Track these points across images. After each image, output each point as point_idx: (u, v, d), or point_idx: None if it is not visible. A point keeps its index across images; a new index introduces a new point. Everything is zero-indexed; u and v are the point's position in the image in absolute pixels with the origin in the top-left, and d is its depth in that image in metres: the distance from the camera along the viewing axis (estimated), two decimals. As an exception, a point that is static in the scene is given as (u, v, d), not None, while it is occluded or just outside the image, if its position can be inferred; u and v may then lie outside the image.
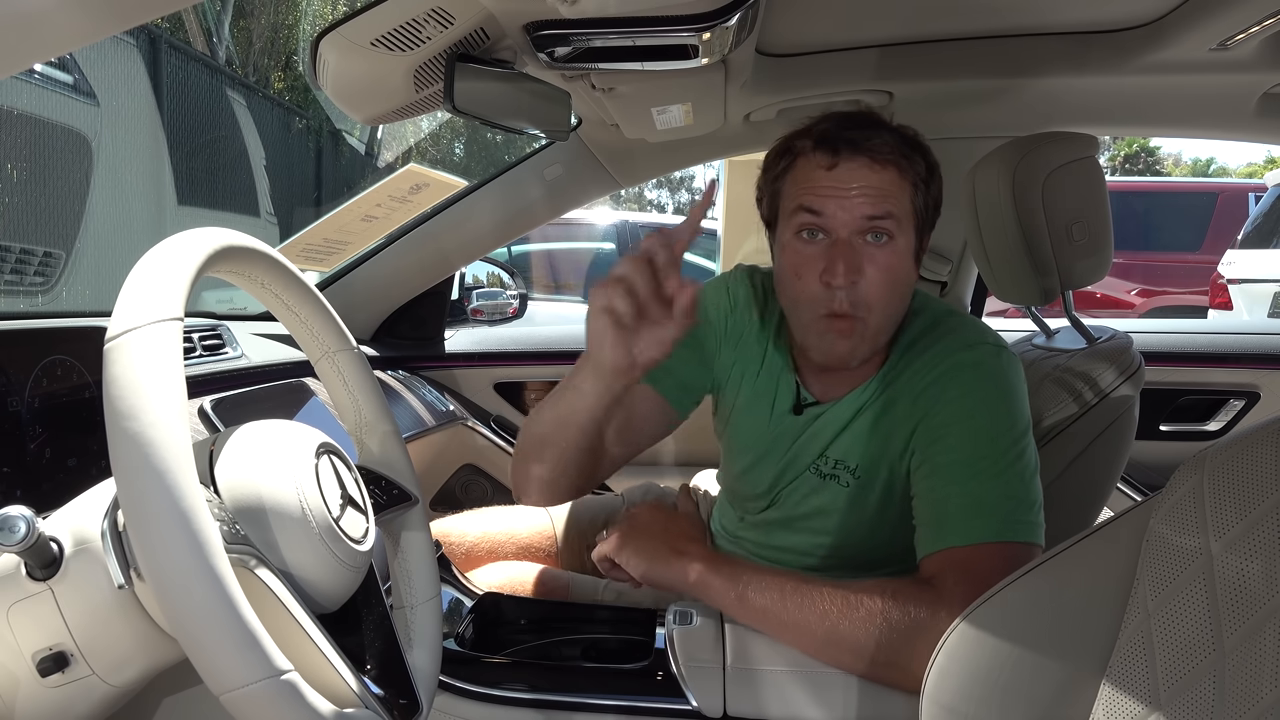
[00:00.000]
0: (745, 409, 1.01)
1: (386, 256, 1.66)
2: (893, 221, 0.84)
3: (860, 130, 0.85)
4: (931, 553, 0.81)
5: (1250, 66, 1.16)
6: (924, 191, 0.87)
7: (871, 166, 0.83)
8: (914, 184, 0.86)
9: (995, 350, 0.87)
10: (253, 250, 0.61)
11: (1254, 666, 0.48)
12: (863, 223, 0.84)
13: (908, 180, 0.85)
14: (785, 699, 0.80)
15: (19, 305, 2.97)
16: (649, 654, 0.88)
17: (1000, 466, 0.81)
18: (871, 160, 0.83)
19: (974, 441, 0.82)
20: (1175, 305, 5.65)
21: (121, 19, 0.56)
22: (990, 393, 0.84)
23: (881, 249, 0.84)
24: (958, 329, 0.90)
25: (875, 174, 0.83)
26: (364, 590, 0.65)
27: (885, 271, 0.84)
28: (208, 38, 6.89)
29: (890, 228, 0.84)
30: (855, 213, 0.83)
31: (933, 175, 0.88)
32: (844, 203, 0.83)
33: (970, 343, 0.87)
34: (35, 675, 0.52)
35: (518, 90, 1.03)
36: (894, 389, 0.90)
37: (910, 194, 0.85)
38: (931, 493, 0.84)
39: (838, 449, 0.93)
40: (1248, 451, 0.52)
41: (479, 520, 1.25)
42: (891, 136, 0.85)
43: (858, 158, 0.84)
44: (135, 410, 0.44)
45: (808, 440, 0.96)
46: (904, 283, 0.87)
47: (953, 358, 0.86)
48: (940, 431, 0.84)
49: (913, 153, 0.86)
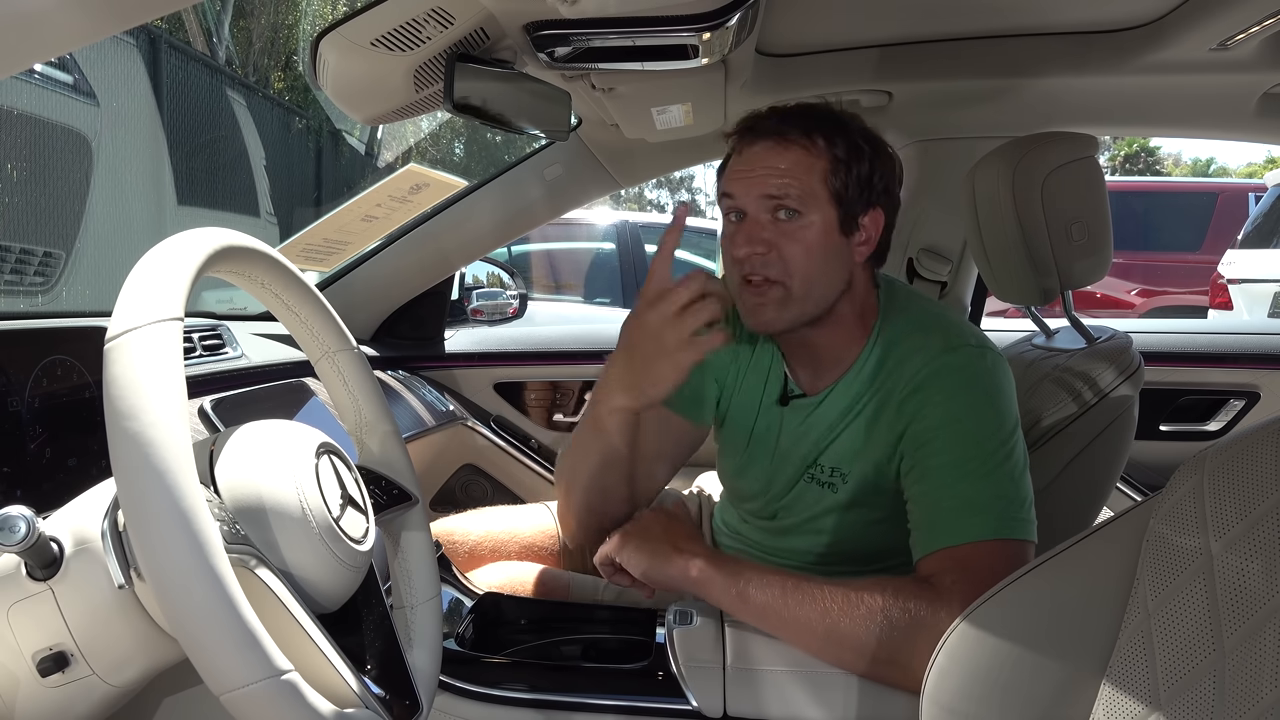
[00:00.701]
0: (737, 404, 1.04)
1: (386, 256, 1.66)
2: (796, 199, 0.87)
3: (775, 118, 0.90)
4: (927, 554, 0.82)
5: (1250, 66, 1.16)
6: (844, 169, 0.88)
7: (774, 148, 0.89)
8: (829, 162, 0.88)
9: (979, 351, 0.87)
10: (253, 250, 0.61)
11: (1254, 666, 0.48)
12: (764, 200, 0.88)
13: (819, 159, 0.88)
14: (785, 699, 0.80)
15: (19, 305, 2.97)
16: (649, 654, 0.88)
17: (990, 466, 0.82)
18: (775, 142, 0.89)
19: (962, 444, 0.83)
20: (1175, 305, 5.65)
21: (121, 19, 0.56)
22: (976, 395, 0.85)
23: (792, 224, 0.88)
24: (941, 330, 0.90)
25: (778, 155, 0.88)
26: (364, 590, 0.65)
27: (796, 244, 0.88)
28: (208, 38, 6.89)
29: (795, 205, 0.87)
30: (755, 191, 0.89)
31: (857, 155, 0.89)
32: (748, 183, 0.89)
33: (953, 345, 0.88)
34: (35, 675, 0.52)
35: (518, 90, 1.03)
36: (880, 392, 0.90)
37: (823, 172, 0.88)
38: (924, 496, 0.84)
39: (830, 456, 0.94)
40: (1248, 451, 0.52)
41: (482, 520, 1.25)
42: (803, 121, 0.89)
43: (762, 140, 0.89)
44: (135, 410, 0.44)
45: (796, 439, 0.97)
46: (821, 255, 0.89)
47: (937, 360, 0.87)
48: (928, 435, 0.85)
49: (831, 133, 0.88)
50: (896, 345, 0.91)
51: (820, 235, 0.88)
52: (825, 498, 0.95)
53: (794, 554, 1.00)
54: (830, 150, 0.88)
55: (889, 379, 0.90)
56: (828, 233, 0.89)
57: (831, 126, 0.89)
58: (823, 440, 0.94)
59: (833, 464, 0.94)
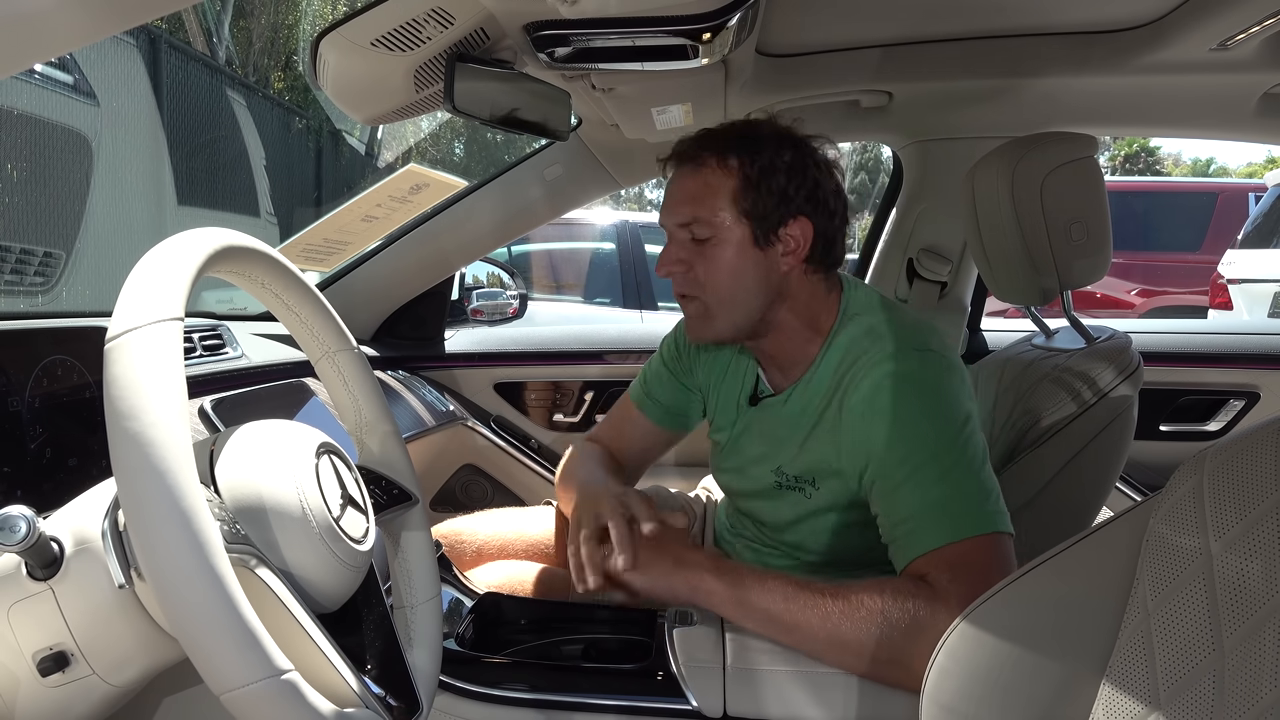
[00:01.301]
0: (721, 404, 1.09)
1: (386, 256, 1.66)
2: (703, 223, 0.91)
3: (695, 143, 0.94)
4: (910, 561, 0.82)
5: (1250, 66, 1.16)
6: (755, 187, 0.90)
7: (688, 173, 0.94)
8: (739, 182, 0.90)
9: (917, 354, 0.88)
10: (253, 250, 0.61)
11: (1254, 666, 0.48)
12: (676, 227, 0.94)
13: (728, 180, 0.91)
14: (785, 699, 0.80)
15: (19, 305, 2.97)
16: (649, 654, 0.88)
17: (946, 466, 0.82)
18: (690, 167, 0.94)
19: (916, 451, 0.83)
20: (1175, 305, 5.64)
21: (121, 19, 0.56)
22: (925, 400, 0.86)
23: (705, 245, 0.93)
24: (887, 337, 0.91)
25: (690, 179, 0.93)
26: (364, 590, 0.65)
27: (708, 262, 0.92)
28: (208, 38, 6.88)
29: (701, 230, 0.92)
30: (671, 216, 0.95)
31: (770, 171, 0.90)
32: (666, 208, 0.96)
33: (893, 353, 0.88)
34: (35, 675, 0.52)
35: (518, 90, 1.03)
36: (836, 398, 0.91)
37: (732, 192, 0.91)
38: (892, 510, 0.85)
39: (795, 464, 0.95)
40: (1247, 451, 0.52)
41: (488, 521, 1.26)
42: (720, 143, 0.92)
43: (681, 166, 0.95)
44: (136, 410, 0.44)
45: (765, 440, 0.99)
46: (734, 272, 0.92)
47: (879, 369, 0.87)
48: (881, 448, 0.85)
49: (747, 151, 0.91)
50: (848, 351, 0.92)
51: (732, 253, 0.92)
52: (801, 503, 0.96)
53: (791, 550, 1.01)
54: (742, 169, 0.90)
55: (841, 386, 0.91)
56: (740, 250, 0.92)
57: (748, 145, 0.91)
58: (788, 443, 0.96)
59: (797, 471, 0.95)
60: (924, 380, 0.86)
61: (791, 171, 0.91)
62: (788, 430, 0.96)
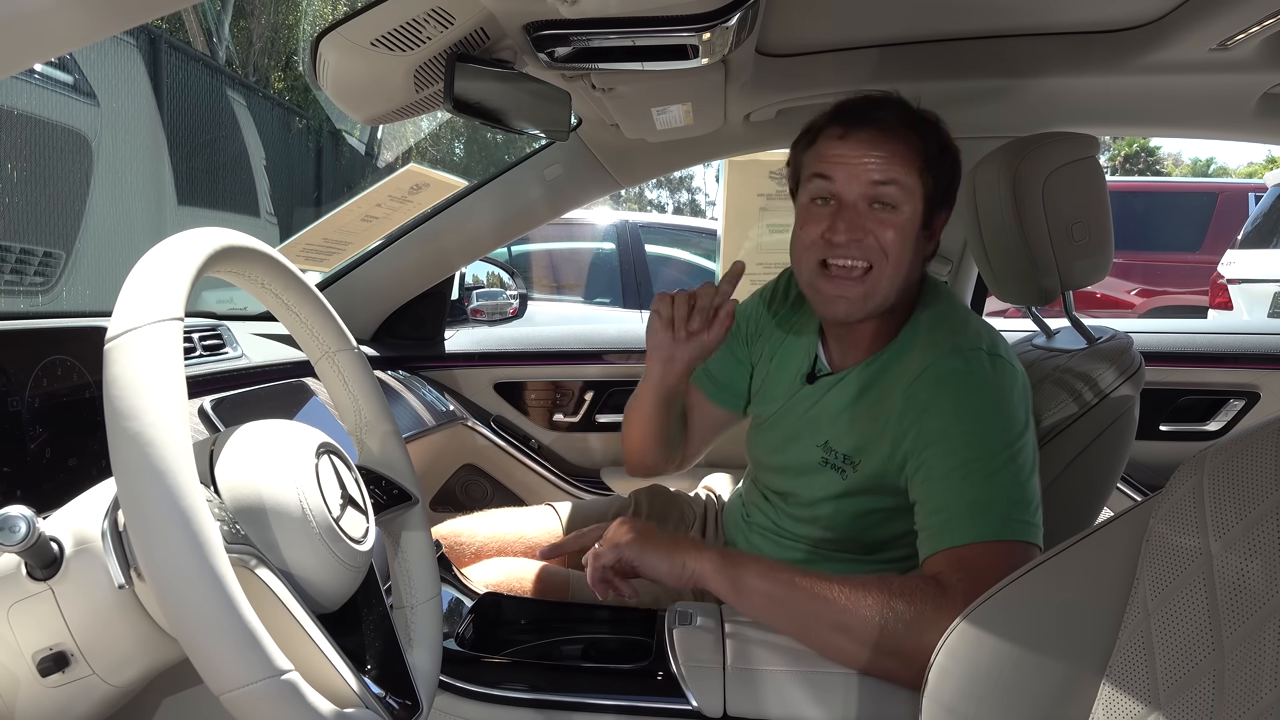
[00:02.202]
0: (775, 376, 1.08)
1: (386, 256, 1.66)
2: (896, 189, 0.89)
3: (874, 106, 0.91)
4: (932, 554, 0.82)
5: (1250, 66, 1.16)
6: (933, 169, 0.90)
7: (878, 138, 0.89)
8: (923, 159, 0.90)
9: (989, 357, 0.88)
10: (253, 250, 0.61)
11: (1254, 666, 0.48)
12: (869, 188, 0.89)
13: (915, 154, 0.89)
14: (785, 699, 0.80)
15: (19, 305, 2.97)
16: (649, 654, 0.88)
17: (994, 468, 0.82)
18: (879, 131, 0.89)
19: (968, 446, 0.83)
20: (1175, 305, 5.64)
21: (121, 19, 0.56)
22: (982, 398, 0.85)
23: (886, 215, 0.89)
24: (957, 332, 0.91)
25: (882, 145, 0.89)
26: (364, 590, 0.65)
27: (892, 233, 0.89)
28: (208, 38, 6.88)
29: (894, 196, 0.89)
30: (862, 178, 0.89)
31: (944, 155, 0.91)
32: (852, 169, 0.89)
33: (963, 348, 0.88)
34: (35, 675, 0.52)
35: (518, 90, 1.03)
36: (895, 383, 0.91)
37: (919, 167, 0.89)
38: (930, 498, 0.85)
39: (843, 441, 0.95)
40: (1247, 451, 0.52)
41: (488, 521, 1.26)
42: (902, 113, 0.91)
43: (866, 129, 0.90)
44: (135, 410, 0.44)
45: (816, 417, 0.99)
46: (909, 249, 0.91)
47: (945, 362, 0.87)
48: (933, 437, 0.85)
49: (925, 131, 0.90)
50: (917, 341, 0.93)
51: (911, 226, 0.90)
52: (835, 483, 0.95)
53: (801, 539, 1.01)
54: (925, 147, 0.89)
55: (904, 372, 0.91)
56: (913, 224, 0.91)
57: (925, 125, 0.91)
58: (838, 421, 0.96)
59: (845, 450, 0.95)
60: (992, 382, 0.87)
61: (954, 163, 0.93)
62: (841, 409, 0.96)
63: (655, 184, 19.27)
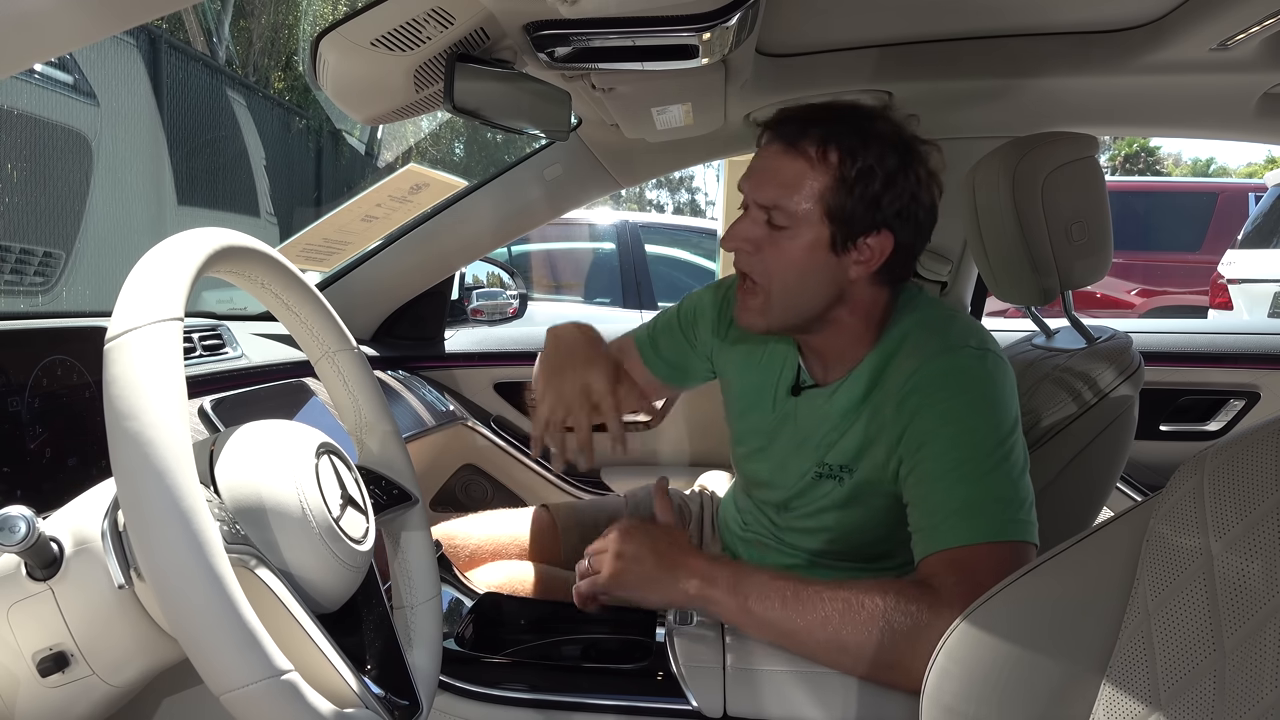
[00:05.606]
0: (750, 393, 1.05)
1: (386, 256, 1.66)
2: (784, 214, 0.86)
3: (798, 121, 0.87)
4: (926, 556, 0.82)
5: (1250, 66, 1.16)
6: (848, 190, 0.84)
7: (782, 155, 0.87)
8: (834, 180, 0.84)
9: (978, 354, 0.87)
10: (253, 250, 0.61)
11: (1254, 666, 0.48)
12: (755, 206, 0.89)
13: (823, 175, 0.84)
14: (785, 699, 0.80)
15: (19, 305, 2.97)
16: (649, 654, 0.88)
17: (987, 468, 0.82)
18: (785, 149, 0.87)
19: (959, 446, 0.83)
20: (1175, 305, 5.64)
21: (121, 19, 0.56)
22: (973, 396, 0.85)
23: (779, 233, 0.88)
24: (943, 331, 0.90)
25: (784, 162, 0.87)
26: (364, 590, 0.65)
27: (778, 252, 0.88)
28: (208, 38, 6.88)
29: (782, 220, 0.87)
30: (753, 193, 0.89)
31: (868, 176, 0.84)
32: (750, 181, 0.90)
33: (951, 346, 0.87)
34: (35, 675, 0.52)
35: (518, 90, 1.03)
36: (883, 388, 0.90)
37: (823, 189, 0.85)
38: (923, 500, 0.84)
39: (837, 453, 0.94)
40: (1248, 451, 0.52)
41: (483, 523, 1.25)
42: (825, 128, 0.85)
43: (778, 143, 0.88)
44: (135, 410, 0.44)
45: (808, 430, 0.97)
46: (801, 270, 0.88)
47: (935, 361, 0.87)
48: (925, 438, 0.85)
49: (850, 147, 0.84)
50: (901, 345, 0.91)
51: (804, 250, 0.87)
52: (832, 491, 0.95)
53: (798, 549, 1.01)
54: (840, 167, 0.84)
55: (891, 377, 0.90)
56: (814, 249, 0.87)
57: (854, 139, 0.84)
58: (832, 433, 0.94)
59: (841, 460, 0.94)
60: (981, 378, 0.86)
61: (891, 180, 0.85)
62: (833, 421, 0.94)
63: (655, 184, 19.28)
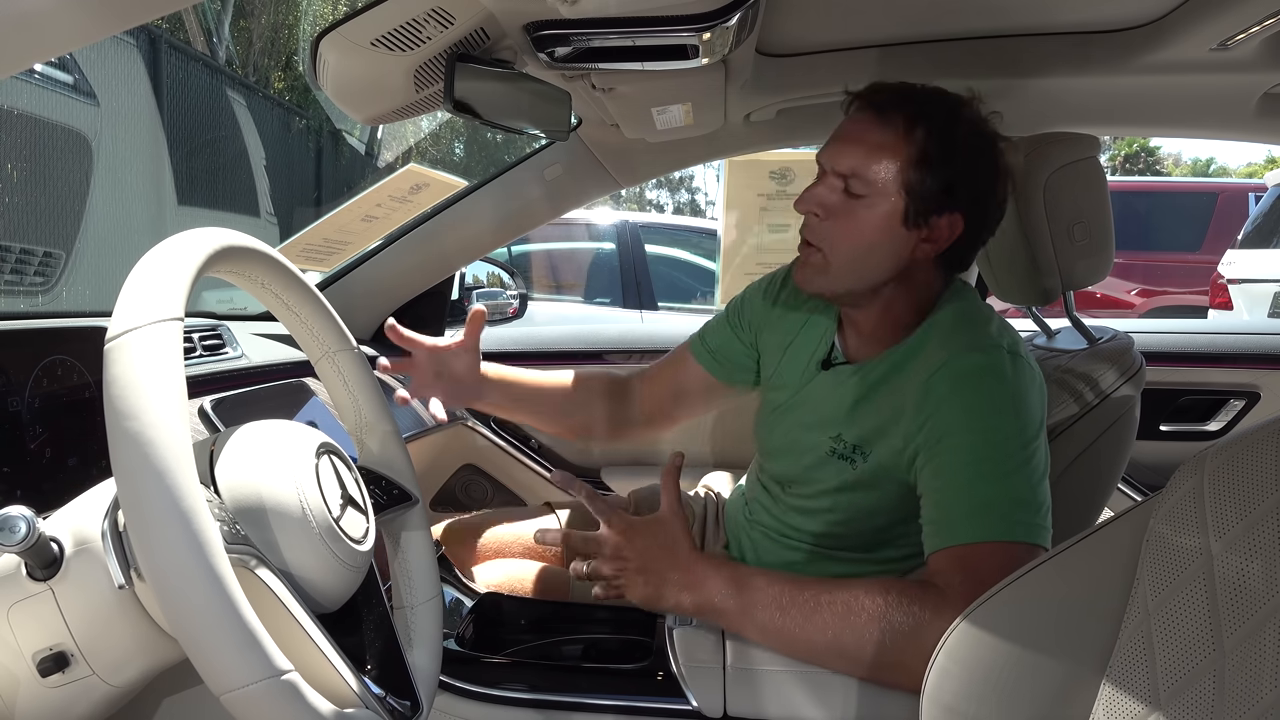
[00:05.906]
0: (786, 365, 1.06)
1: (386, 256, 1.66)
2: (863, 183, 0.87)
3: (889, 94, 0.89)
4: (936, 550, 0.82)
5: (1250, 66, 1.15)
6: (928, 167, 0.86)
7: (869, 124, 0.88)
8: (916, 155, 0.86)
9: (1010, 357, 0.87)
10: (253, 250, 0.61)
11: (1254, 666, 0.48)
12: (833, 172, 0.89)
13: (907, 149, 0.86)
14: (785, 699, 0.80)
15: (19, 305, 2.97)
16: (649, 654, 0.88)
17: (1007, 469, 0.81)
18: (873, 118, 0.88)
19: (983, 444, 0.82)
20: (1175, 305, 5.64)
21: (121, 19, 0.56)
22: (997, 397, 0.84)
23: (855, 201, 0.88)
24: (976, 329, 0.90)
25: (870, 131, 0.87)
26: (364, 590, 0.65)
27: (850, 222, 0.89)
28: (208, 38, 6.88)
29: (860, 188, 0.87)
30: (832, 160, 0.90)
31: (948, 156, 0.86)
32: (833, 149, 0.90)
33: (985, 345, 0.87)
34: (35, 675, 0.52)
35: (518, 90, 1.03)
36: (909, 374, 0.90)
37: (904, 162, 0.86)
38: (938, 493, 0.84)
39: (854, 431, 0.94)
40: (1248, 452, 0.52)
41: (485, 522, 1.25)
42: (913, 106, 0.87)
43: (865, 112, 0.89)
44: (135, 410, 0.44)
45: (827, 404, 0.97)
46: (870, 241, 0.89)
47: (966, 357, 0.86)
48: (947, 431, 0.84)
49: (935, 126, 0.86)
50: (936, 336, 0.92)
51: (878, 221, 0.88)
52: (843, 472, 0.94)
53: (800, 532, 1.01)
54: (925, 143, 0.85)
55: (920, 364, 0.90)
56: (888, 220, 0.88)
57: (940, 120, 0.86)
58: (851, 411, 0.94)
59: (855, 440, 0.94)
60: (1011, 381, 0.86)
61: (971, 166, 0.88)
62: (855, 400, 0.94)
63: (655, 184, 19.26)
